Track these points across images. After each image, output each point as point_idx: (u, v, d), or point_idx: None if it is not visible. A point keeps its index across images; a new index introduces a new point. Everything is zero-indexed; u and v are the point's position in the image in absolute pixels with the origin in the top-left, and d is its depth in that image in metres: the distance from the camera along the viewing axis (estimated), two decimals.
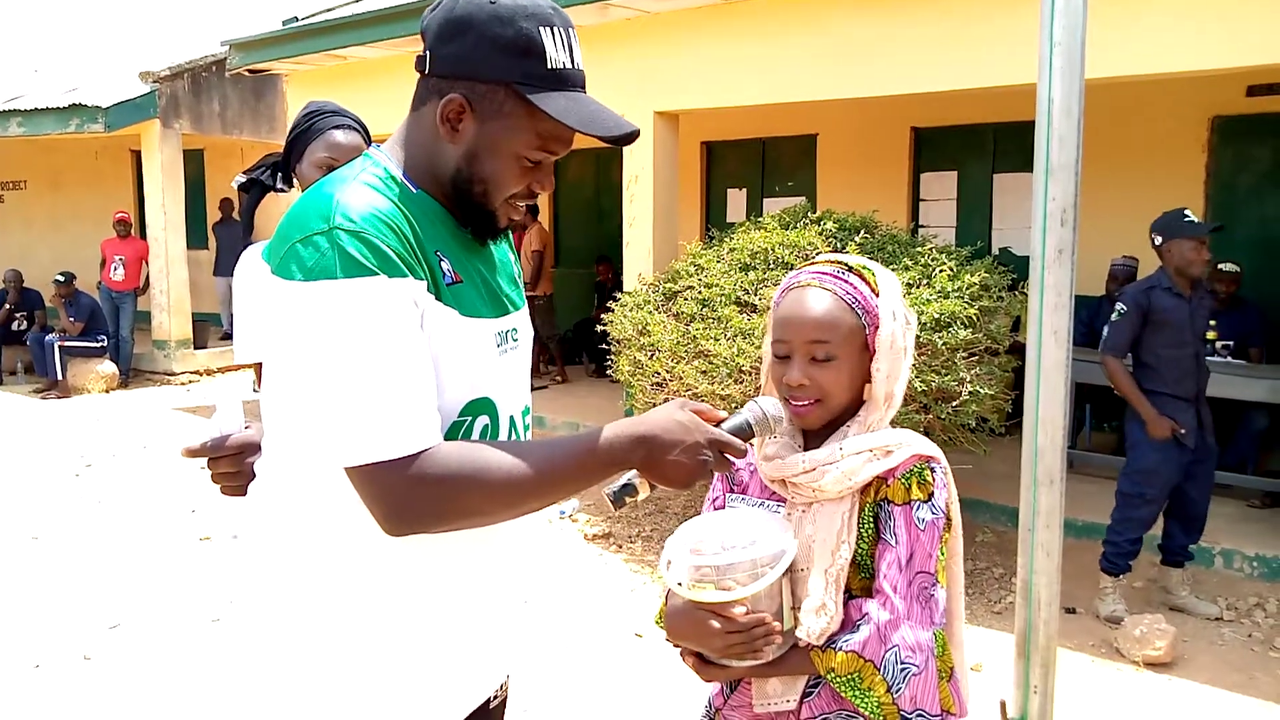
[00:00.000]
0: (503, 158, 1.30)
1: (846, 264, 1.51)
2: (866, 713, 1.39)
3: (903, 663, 1.38)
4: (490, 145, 1.30)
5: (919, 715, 1.39)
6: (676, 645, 1.52)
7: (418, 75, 1.34)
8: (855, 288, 1.47)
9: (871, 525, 1.45)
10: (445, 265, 1.29)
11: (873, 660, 1.38)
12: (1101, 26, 3.51)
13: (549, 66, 1.27)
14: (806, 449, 1.49)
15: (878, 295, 1.48)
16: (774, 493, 1.53)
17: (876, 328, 1.46)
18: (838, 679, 1.40)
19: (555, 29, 1.28)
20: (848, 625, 1.42)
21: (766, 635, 1.38)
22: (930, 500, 1.43)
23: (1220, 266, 6.13)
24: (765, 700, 1.48)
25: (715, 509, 1.61)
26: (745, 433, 1.36)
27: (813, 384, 1.45)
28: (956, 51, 5.36)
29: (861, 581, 1.46)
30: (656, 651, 1.34)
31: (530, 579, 4.87)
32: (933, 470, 1.45)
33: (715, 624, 1.38)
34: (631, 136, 1.31)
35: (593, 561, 5.21)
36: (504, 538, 1.44)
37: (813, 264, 1.55)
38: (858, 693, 1.39)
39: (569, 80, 1.30)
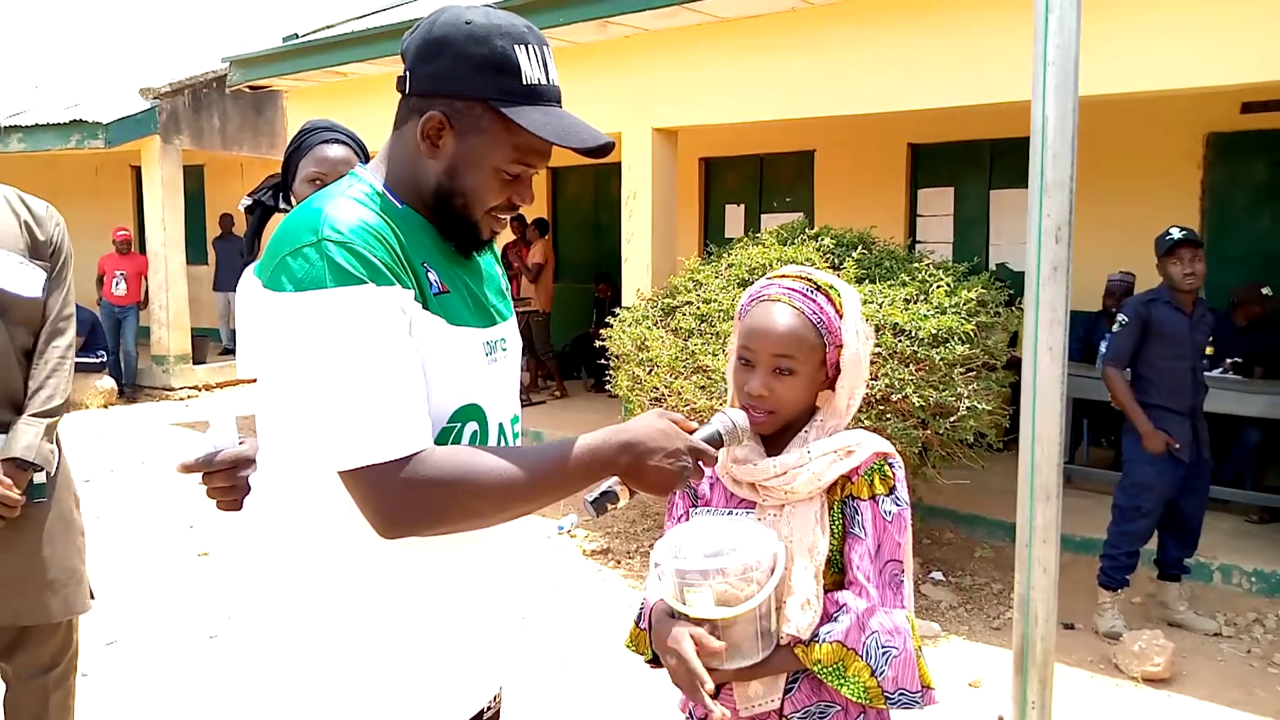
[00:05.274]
0: (482, 171, 1.34)
1: (814, 281, 1.56)
2: (852, 698, 1.44)
3: (883, 647, 1.44)
4: (469, 160, 1.33)
5: (901, 694, 1.45)
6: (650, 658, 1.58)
7: (399, 95, 1.37)
8: (821, 308, 1.53)
9: (839, 521, 1.51)
10: (432, 276, 1.33)
11: (855, 648, 1.44)
12: (1096, 43, 3.53)
13: (524, 82, 1.31)
14: (767, 453, 1.55)
15: (841, 316, 1.54)
16: (740, 501, 1.57)
17: (840, 348, 1.54)
18: (824, 670, 1.45)
19: (530, 46, 1.32)
20: (824, 618, 1.47)
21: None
22: (893, 493, 1.51)
23: (1263, 291, 6.16)
24: (749, 703, 1.52)
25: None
26: (716, 442, 1.42)
27: (771, 395, 1.52)
28: (953, 68, 5.39)
29: (832, 576, 1.51)
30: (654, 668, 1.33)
31: (527, 594, 4.86)
32: (891, 465, 1.53)
33: (672, 643, 1.43)
34: (606, 149, 1.34)
35: (591, 577, 5.19)
36: (498, 550, 1.46)
37: (781, 276, 1.59)
38: (842, 680, 1.44)
39: (544, 95, 1.33)
